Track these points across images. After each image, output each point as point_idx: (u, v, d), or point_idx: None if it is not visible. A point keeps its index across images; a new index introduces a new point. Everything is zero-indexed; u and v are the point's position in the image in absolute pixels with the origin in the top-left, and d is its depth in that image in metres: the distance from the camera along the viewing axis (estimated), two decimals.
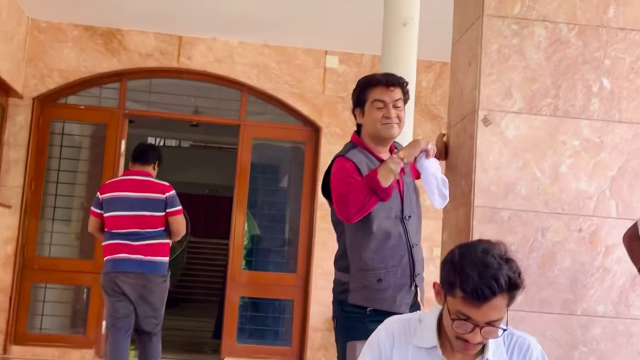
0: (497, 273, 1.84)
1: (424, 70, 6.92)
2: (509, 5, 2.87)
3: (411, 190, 2.91)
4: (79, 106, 6.82)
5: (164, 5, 6.10)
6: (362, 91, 2.89)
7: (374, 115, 2.84)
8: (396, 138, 2.92)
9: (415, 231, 2.87)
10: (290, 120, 7.03)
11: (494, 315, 1.86)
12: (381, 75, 2.93)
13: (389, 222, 2.78)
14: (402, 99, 2.88)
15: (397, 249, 2.78)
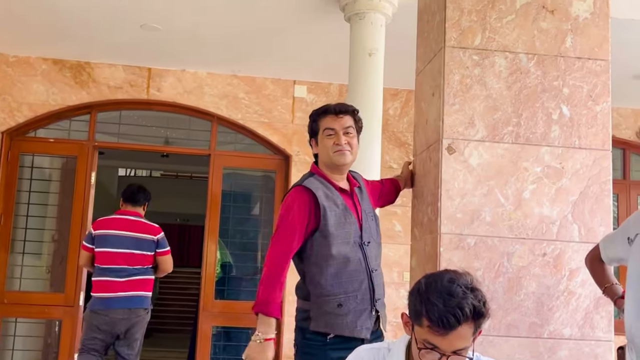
0: (462, 302, 1.87)
1: (390, 98, 7.02)
2: (470, 37, 2.95)
3: (370, 218, 2.93)
4: (49, 139, 6.81)
5: (132, 38, 6.14)
6: (314, 122, 2.97)
7: (326, 143, 2.91)
8: (350, 164, 2.95)
9: (375, 256, 2.89)
10: (260, 149, 7.08)
11: (460, 344, 1.89)
12: (331, 104, 2.99)
13: (347, 247, 2.80)
14: (353, 127, 2.93)
15: (357, 273, 2.81)
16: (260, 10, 5.44)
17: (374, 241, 2.90)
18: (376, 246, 2.93)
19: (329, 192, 2.85)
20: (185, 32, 5.96)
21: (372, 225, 2.93)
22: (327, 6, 5.23)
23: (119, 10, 5.56)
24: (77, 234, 6.61)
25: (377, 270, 2.89)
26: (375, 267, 2.87)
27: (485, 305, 1.93)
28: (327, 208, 2.80)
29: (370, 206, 2.99)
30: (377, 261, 2.90)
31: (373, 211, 3.00)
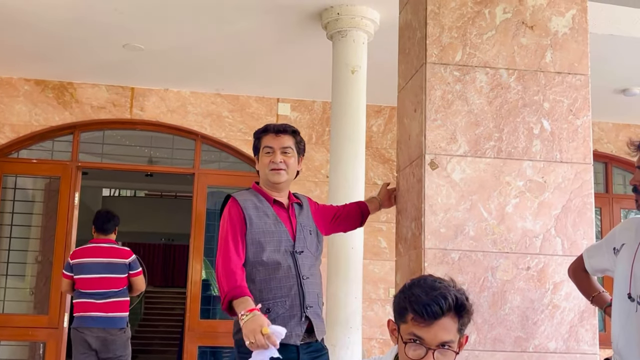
0: (445, 292, 1.92)
1: (374, 115, 7.06)
2: (451, 53, 2.98)
3: (306, 231, 2.99)
4: (32, 160, 6.77)
5: (115, 58, 6.13)
6: (256, 139, 3.06)
7: (263, 160, 3.00)
8: (287, 183, 3.02)
9: (308, 266, 2.93)
10: (244, 167, 7.08)
11: (445, 336, 1.90)
12: (273, 124, 3.08)
13: (278, 254, 2.87)
14: (292, 147, 3.01)
15: (286, 280, 2.86)
16: (243, 30, 5.46)
17: (308, 251, 2.95)
18: (311, 257, 2.96)
19: (260, 204, 2.94)
20: (168, 51, 5.97)
21: (309, 238, 2.99)
22: (309, 24, 5.26)
23: (101, 30, 5.56)
24: (60, 255, 6.57)
25: (310, 278, 2.91)
26: (307, 275, 2.90)
27: (468, 300, 1.96)
28: (254, 217, 2.89)
29: (310, 222, 3.05)
30: (310, 271, 2.93)
31: (316, 229, 3.06)
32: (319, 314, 2.93)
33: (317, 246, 3.03)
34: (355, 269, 4.80)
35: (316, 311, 2.91)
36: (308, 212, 3.08)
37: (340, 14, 4.95)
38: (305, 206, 3.09)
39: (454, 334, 1.93)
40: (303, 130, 7.02)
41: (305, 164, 6.98)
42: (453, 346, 1.92)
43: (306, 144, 7.46)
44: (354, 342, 4.72)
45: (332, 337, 4.74)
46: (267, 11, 5.13)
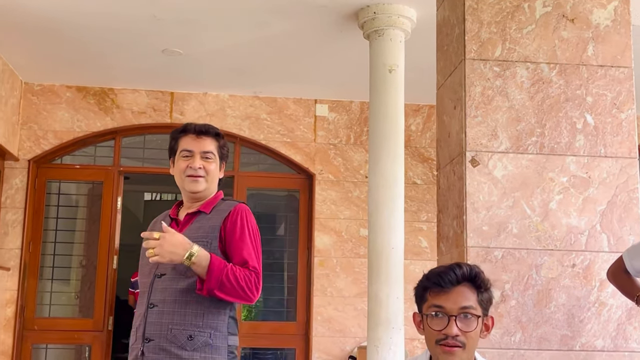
0: (460, 264, 1.99)
1: (412, 114, 7.02)
2: (490, 49, 2.94)
3: None
4: (75, 166, 6.88)
5: (154, 63, 6.20)
6: (173, 139, 2.66)
7: (180, 165, 2.59)
8: (206, 192, 2.60)
9: (161, 289, 2.47)
10: (283, 169, 7.10)
11: (464, 302, 1.93)
12: (193, 124, 2.66)
13: (145, 279, 2.55)
14: (214, 152, 2.60)
15: (138, 308, 2.54)
16: (280, 32, 5.47)
17: (174, 273, 2.45)
18: (177, 280, 2.45)
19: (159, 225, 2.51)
20: (206, 55, 6.01)
21: None
22: (345, 24, 5.25)
23: (140, 36, 5.63)
24: (104, 259, 6.66)
25: (158, 306, 2.44)
26: (155, 303, 2.45)
27: (484, 275, 1.99)
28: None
29: (206, 233, 2.50)
30: (163, 296, 2.45)
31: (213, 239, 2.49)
32: (167, 350, 2.40)
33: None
34: (396, 269, 4.78)
35: (162, 345, 2.40)
36: (210, 223, 2.52)
37: (377, 13, 4.93)
38: (212, 216, 2.55)
39: (474, 301, 1.95)
40: (341, 131, 7.02)
41: (344, 165, 6.98)
42: (474, 312, 1.94)
43: (344, 144, 7.46)
44: (396, 343, 4.69)
45: (374, 337, 4.72)
46: (304, 13, 5.14)
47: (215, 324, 2.44)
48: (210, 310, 2.43)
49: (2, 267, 6.34)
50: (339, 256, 6.81)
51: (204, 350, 2.40)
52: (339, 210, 6.90)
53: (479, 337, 1.96)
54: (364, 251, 6.53)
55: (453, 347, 1.91)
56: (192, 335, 2.40)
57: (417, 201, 6.98)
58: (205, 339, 2.41)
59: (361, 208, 6.82)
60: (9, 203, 6.56)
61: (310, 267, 6.80)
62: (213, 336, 2.43)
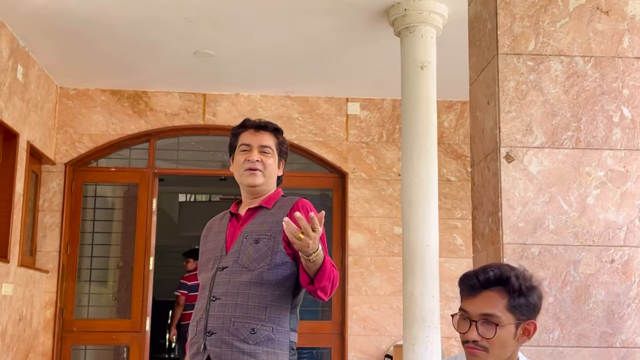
0: (490, 267, 1.93)
1: (445, 110, 6.98)
2: (523, 43, 2.91)
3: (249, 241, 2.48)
4: (110, 168, 6.97)
5: (186, 65, 6.26)
6: (233, 136, 2.65)
7: (238, 159, 2.59)
8: (264, 187, 2.58)
9: (225, 282, 2.44)
10: (316, 168, 7.11)
11: (486, 309, 1.88)
12: (252, 119, 2.67)
13: (205, 274, 2.54)
14: (273, 147, 2.60)
15: (199, 301, 2.51)
16: (311, 31, 5.48)
17: (237, 266, 2.44)
18: (241, 273, 2.43)
19: (221, 221, 2.62)
20: (237, 56, 6.05)
21: (250, 249, 2.46)
22: (376, 22, 5.24)
23: (172, 39, 5.68)
24: (141, 260, 6.74)
25: (221, 299, 2.42)
26: (218, 296, 2.43)
27: (520, 276, 1.91)
28: (204, 238, 2.65)
29: (267, 228, 2.48)
30: (226, 289, 2.43)
31: (276, 234, 2.46)
32: (230, 343, 2.37)
33: (262, 257, 2.44)
34: (431, 267, 4.75)
35: (224, 339, 2.38)
36: (273, 218, 2.50)
37: (408, 9, 4.90)
38: (274, 211, 2.54)
39: (500, 309, 1.89)
40: (373, 129, 7.01)
41: (377, 163, 6.96)
42: (495, 320, 1.88)
43: (377, 142, 7.46)
44: (432, 341, 4.67)
45: (410, 336, 4.70)
46: (334, 12, 5.14)
47: (278, 319, 2.43)
48: (274, 304, 2.43)
49: (41, 270, 6.45)
50: (373, 255, 6.79)
51: (266, 345, 2.39)
52: (372, 208, 6.88)
53: (511, 342, 1.91)
54: (398, 249, 6.51)
55: (474, 349, 1.91)
56: (255, 329, 2.38)
57: (451, 198, 6.94)
58: (267, 333, 2.40)
59: (394, 206, 6.79)
60: (46, 206, 6.66)
61: (345, 266, 6.80)
62: (275, 331, 2.42)
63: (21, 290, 5.93)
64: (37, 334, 6.41)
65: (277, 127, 2.66)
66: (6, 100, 5.49)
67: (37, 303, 6.33)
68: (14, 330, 5.79)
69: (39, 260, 6.54)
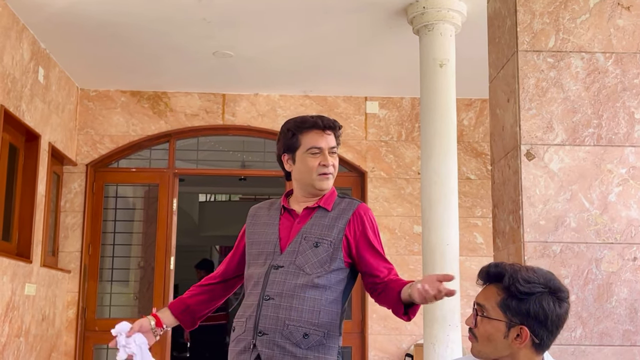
0: (496, 264, 1.99)
1: (464, 108, 6.94)
2: (543, 39, 2.89)
3: (308, 243, 2.43)
4: (131, 169, 7.02)
5: (205, 66, 6.28)
6: (293, 135, 2.52)
7: (310, 163, 2.49)
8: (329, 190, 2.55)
9: (279, 282, 2.40)
10: None
11: (481, 299, 1.98)
12: (316, 117, 2.54)
13: (258, 269, 2.47)
14: (336, 146, 2.56)
15: (250, 298, 2.45)
16: (329, 31, 5.48)
17: (294, 267, 2.40)
18: (297, 275, 2.39)
19: (269, 212, 2.56)
20: (256, 56, 6.06)
21: (308, 252, 2.42)
22: (394, 20, 5.23)
23: (191, 40, 5.71)
24: (162, 260, 6.77)
25: (274, 299, 2.37)
26: (271, 295, 2.38)
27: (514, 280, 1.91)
28: (252, 227, 2.56)
29: (326, 232, 2.45)
30: (281, 290, 2.38)
31: (333, 240, 2.44)
32: (282, 346, 2.34)
33: (322, 263, 2.41)
34: (451, 266, 4.73)
35: (277, 341, 2.34)
36: (333, 222, 2.47)
37: (426, 7, 4.89)
38: (334, 214, 2.50)
39: (492, 304, 1.93)
40: (392, 128, 6.99)
41: (396, 162, 6.95)
42: (481, 311, 1.95)
43: (396, 141, 7.44)
44: (453, 340, 4.65)
45: (431, 335, 4.69)
46: (353, 10, 5.13)
47: (329, 324, 2.41)
48: (326, 309, 2.40)
49: (63, 270, 6.51)
50: (392, 253, 6.78)
51: (317, 350, 2.37)
52: (391, 207, 6.87)
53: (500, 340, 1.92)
54: (418, 248, 6.49)
55: (469, 335, 2.01)
56: (308, 333, 2.35)
57: (471, 197, 6.91)
58: (319, 339, 2.37)
59: (414, 205, 6.78)
60: (68, 207, 6.72)
61: None
62: (327, 336, 2.39)
63: (44, 290, 5.99)
64: (60, 333, 6.47)
65: (340, 125, 2.59)
66: (28, 102, 5.55)
67: (59, 303, 6.39)
68: (37, 330, 5.85)
69: (61, 261, 6.60)
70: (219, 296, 2.64)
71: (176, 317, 2.58)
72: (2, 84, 5.02)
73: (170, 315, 2.58)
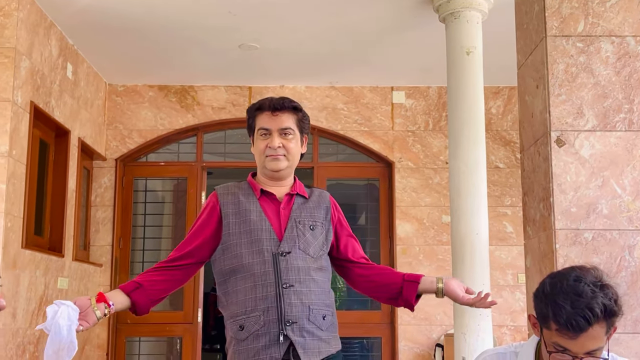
0: (592, 302, 1.77)
1: (492, 96, 6.88)
2: (572, 24, 2.85)
3: (303, 227, 2.44)
4: (159, 163, 7.07)
5: (231, 59, 6.30)
6: (250, 118, 2.55)
7: (258, 145, 2.48)
8: (288, 171, 2.50)
9: (296, 269, 2.37)
10: (362, 158, 7.09)
11: (592, 345, 1.79)
12: (269, 98, 2.52)
13: (254, 258, 2.38)
14: (293, 127, 2.48)
15: (262, 289, 2.35)
16: (355, 21, 5.46)
17: (300, 252, 2.40)
18: (305, 259, 2.40)
19: (244, 199, 2.46)
20: (281, 48, 6.06)
21: (307, 236, 2.43)
22: (420, 9, 5.19)
23: (217, 33, 5.72)
24: None
25: (295, 286, 2.35)
26: (291, 282, 2.35)
27: (617, 302, 1.82)
28: (232, 215, 2.44)
29: (316, 216, 2.48)
30: (301, 276, 2.37)
31: (323, 223, 2.49)
32: (311, 331, 2.35)
33: (321, 245, 2.46)
34: (480, 255, 4.70)
35: (306, 327, 2.34)
36: (318, 208, 2.50)
37: None
38: (314, 201, 2.52)
39: (602, 339, 1.81)
40: (419, 117, 6.96)
41: (424, 151, 6.91)
42: (600, 352, 1.81)
43: (423, 130, 7.39)
44: (484, 330, 4.63)
45: (461, 325, 4.67)
46: (378, 0, 5.11)
47: (333, 303, 2.49)
48: (329, 290, 2.48)
49: (95, 264, 6.58)
50: (421, 244, 6.76)
51: (332, 330, 2.44)
52: (419, 197, 6.84)
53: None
54: (447, 238, 6.46)
55: None
56: (325, 315, 2.41)
57: (500, 185, 6.86)
58: (331, 318, 2.44)
59: (442, 194, 6.74)
60: (98, 201, 6.80)
61: (393, 256, 6.78)
62: (334, 315, 2.47)
63: (76, 283, 6.07)
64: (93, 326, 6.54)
65: (296, 105, 2.51)
66: (57, 98, 5.61)
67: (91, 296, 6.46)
68: None
69: (93, 254, 6.68)
70: (178, 281, 2.48)
71: (128, 294, 2.42)
72: (32, 80, 5.08)
73: (120, 293, 2.42)
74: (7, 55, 4.75)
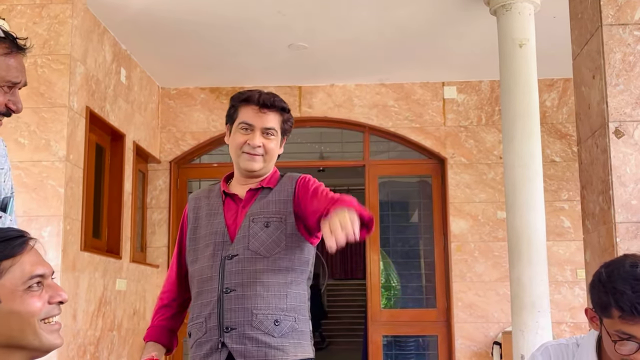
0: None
1: (546, 89, 6.75)
2: (629, 12, 2.77)
3: (257, 225, 2.27)
4: (212, 164, 7.14)
5: (281, 59, 6.32)
6: (232, 107, 2.39)
7: (237, 138, 2.34)
8: (262, 172, 2.36)
9: (236, 272, 2.24)
10: (414, 155, 7.03)
11: None
12: (259, 92, 2.36)
13: (204, 262, 2.30)
14: (277, 128, 2.35)
15: (206, 295, 2.27)
16: (403, 16, 5.42)
17: (249, 253, 2.24)
18: (252, 261, 2.24)
19: (210, 201, 2.38)
20: (330, 47, 6.05)
21: (260, 234, 2.27)
22: (470, 2, 5.12)
23: (266, 34, 5.75)
24: None
25: (236, 290, 2.22)
26: (232, 287, 2.22)
27: None
28: (194, 219, 2.38)
29: (274, 209, 2.30)
30: (241, 279, 2.22)
31: (285, 216, 2.29)
32: (254, 338, 2.19)
33: (277, 243, 2.26)
34: (538, 251, 4.61)
35: (247, 334, 2.19)
36: (279, 197, 2.32)
37: None
38: (278, 190, 2.35)
39: None
40: (471, 112, 6.86)
41: (477, 147, 6.82)
42: None
43: (476, 125, 7.28)
44: (543, 327, 4.54)
45: (519, 322, 4.59)
46: None
47: (298, 307, 2.27)
48: (292, 292, 2.26)
49: (152, 265, 6.69)
50: (476, 240, 6.67)
51: (291, 337, 2.24)
52: (473, 193, 6.75)
53: None
54: (503, 234, 6.35)
55: None
56: (278, 319, 2.21)
57: (556, 180, 6.72)
58: (291, 324, 2.24)
59: (497, 190, 6.64)
60: (154, 203, 6.90)
61: (448, 253, 6.71)
62: (298, 320, 2.26)
63: (134, 285, 6.17)
64: None
65: (285, 106, 2.38)
66: (112, 103, 5.71)
67: (149, 297, 6.57)
68: (129, 324, 6.03)
69: (149, 256, 6.79)
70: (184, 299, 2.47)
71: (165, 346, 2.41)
72: (87, 85, 5.19)
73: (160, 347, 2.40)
74: (62, 62, 4.86)
